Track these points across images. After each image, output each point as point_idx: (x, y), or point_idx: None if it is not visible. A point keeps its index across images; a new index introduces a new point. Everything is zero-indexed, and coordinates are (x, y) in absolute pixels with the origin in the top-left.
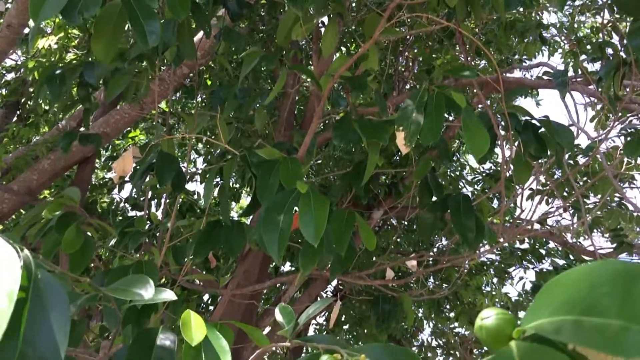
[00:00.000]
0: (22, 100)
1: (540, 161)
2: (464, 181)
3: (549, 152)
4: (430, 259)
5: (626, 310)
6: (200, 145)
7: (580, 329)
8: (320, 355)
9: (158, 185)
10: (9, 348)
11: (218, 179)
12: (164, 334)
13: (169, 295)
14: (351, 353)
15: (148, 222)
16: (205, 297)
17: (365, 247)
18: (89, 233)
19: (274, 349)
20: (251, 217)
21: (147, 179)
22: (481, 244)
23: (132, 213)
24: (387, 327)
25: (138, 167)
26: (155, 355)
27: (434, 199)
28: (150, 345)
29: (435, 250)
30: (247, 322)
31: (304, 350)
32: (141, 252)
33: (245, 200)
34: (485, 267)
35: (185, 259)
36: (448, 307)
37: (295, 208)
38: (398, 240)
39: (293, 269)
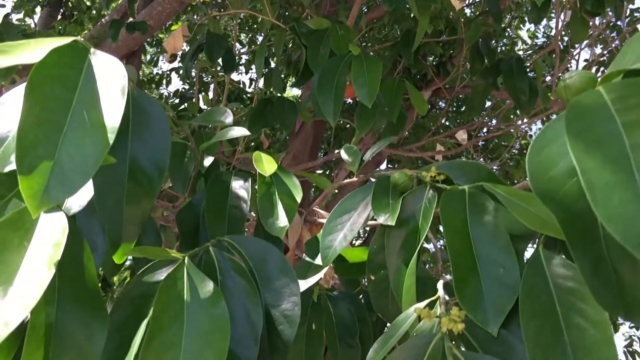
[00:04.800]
0: None
1: (597, 24)
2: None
3: (607, 9)
4: (481, 133)
5: None
6: (242, 36)
7: None
8: (390, 176)
9: (208, 67)
10: (121, 147)
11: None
12: (237, 175)
13: (242, 131)
14: (420, 171)
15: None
16: None
17: (412, 130)
18: None
19: None
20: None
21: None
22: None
23: (181, 107)
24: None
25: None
26: (232, 194)
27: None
28: (227, 185)
29: (484, 131)
30: (303, 198)
31: None
32: None
33: (291, 91)
34: None
35: (239, 140)
36: None
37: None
38: (447, 123)
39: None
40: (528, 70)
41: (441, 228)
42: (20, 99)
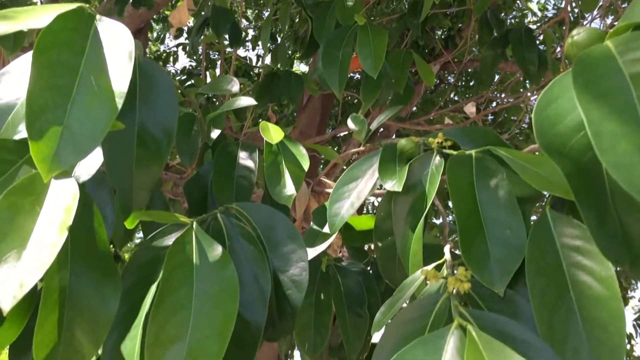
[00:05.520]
0: None
1: None
2: None
3: None
4: (491, 107)
5: None
6: (249, 12)
7: None
8: (397, 143)
9: (215, 43)
10: (129, 113)
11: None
12: (244, 146)
13: (249, 101)
14: (427, 137)
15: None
16: None
17: (421, 106)
18: None
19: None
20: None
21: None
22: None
23: (188, 84)
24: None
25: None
26: (239, 165)
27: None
28: (234, 155)
29: (493, 105)
30: (310, 172)
31: None
32: None
33: (298, 68)
34: None
35: (246, 116)
36: None
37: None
38: (455, 98)
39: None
40: (538, 42)
41: (450, 204)
42: (27, 67)
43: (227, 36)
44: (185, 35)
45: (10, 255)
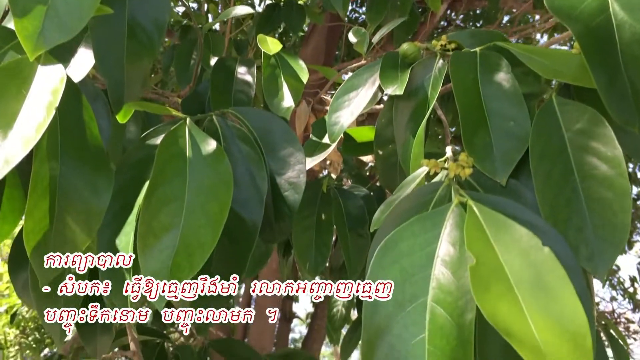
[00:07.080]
0: None
1: None
2: None
3: None
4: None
5: None
6: None
7: None
8: (399, 49)
9: None
10: (119, 5)
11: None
12: (242, 61)
13: (246, 9)
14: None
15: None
16: None
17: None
18: None
19: None
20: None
21: None
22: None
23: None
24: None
25: None
26: (237, 80)
27: None
28: (232, 70)
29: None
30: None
31: None
32: None
33: None
34: None
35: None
36: None
37: None
38: None
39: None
40: None
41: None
42: None
43: None
44: None
45: None
